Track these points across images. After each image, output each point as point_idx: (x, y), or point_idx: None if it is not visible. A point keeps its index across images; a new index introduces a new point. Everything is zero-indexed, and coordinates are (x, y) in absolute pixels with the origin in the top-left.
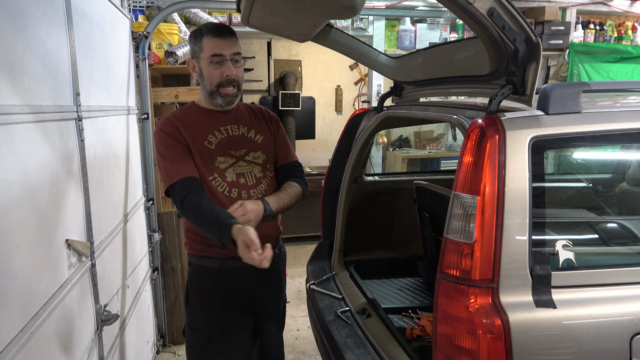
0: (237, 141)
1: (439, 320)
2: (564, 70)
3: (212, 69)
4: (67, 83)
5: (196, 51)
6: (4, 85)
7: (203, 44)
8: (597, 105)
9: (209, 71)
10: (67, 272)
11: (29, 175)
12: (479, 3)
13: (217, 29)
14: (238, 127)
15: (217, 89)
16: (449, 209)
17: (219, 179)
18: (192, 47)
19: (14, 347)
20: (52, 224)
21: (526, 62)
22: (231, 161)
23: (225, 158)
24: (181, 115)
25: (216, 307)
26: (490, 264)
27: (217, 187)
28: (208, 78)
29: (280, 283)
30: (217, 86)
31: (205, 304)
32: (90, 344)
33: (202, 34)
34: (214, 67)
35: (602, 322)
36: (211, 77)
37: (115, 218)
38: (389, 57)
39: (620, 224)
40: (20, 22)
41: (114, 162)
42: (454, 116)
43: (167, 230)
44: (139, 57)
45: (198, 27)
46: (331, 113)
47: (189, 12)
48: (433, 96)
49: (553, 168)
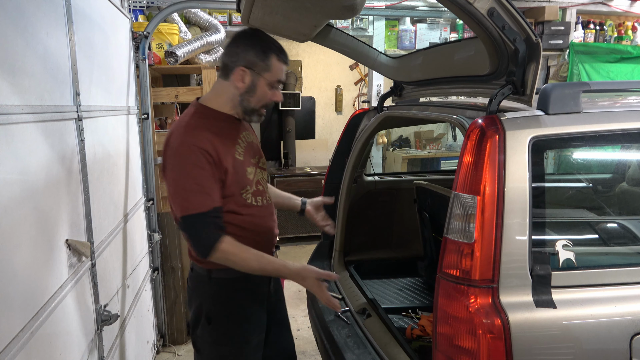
0: (252, 149)
1: (439, 320)
2: (564, 70)
3: (268, 90)
4: (67, 83)
5: (259, 66)
6: (4, 85)
7: (272, 65)
8: (597, 105)
9: (264, 91)
10: (67, 272)
11: (29, 175)
12: (479, 3)
13: (285, 53)
14: (248, 134)
15: (260, 108)
16: (449, 209)
17: (248, 190)
18: (252, 57)
19: (14, 347)
20: (52, 224)
21: (526, 62)
22: (254, 170)
23: (251, 168)
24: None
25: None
26: (490, 264)
27: (246, 200)
28: (259, 97)
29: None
30: (261, 107)
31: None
32: (90, 344)
33: (272, 53)
34: (269, 89)
35: (602, 322)
36: (263, 98)
37: (115, 218)
38: (389, 57)
39: (620, 224)
40: (20, 22)
41: (114, 162)
42: (454, 116)
43: (167, 230)
44: (139, 57)
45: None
46: (331, 113)
47: (189, 12)
48: (433, 96)
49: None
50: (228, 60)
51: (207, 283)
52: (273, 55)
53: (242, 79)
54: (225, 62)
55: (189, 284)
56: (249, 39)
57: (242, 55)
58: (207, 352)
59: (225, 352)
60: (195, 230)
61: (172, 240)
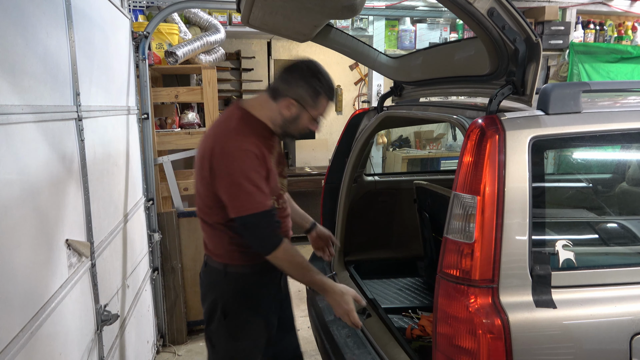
0: (280, 158)
1: (439, 320)
2: (564, 70)
3: (309, 123)
4: (67, 83)
5: (308, 102)
6: (4, 85)
7: (319, 103)
8: (597, 105)
9: (305, 123)
10: (67, 272)
11: (29, 175)
12: (479, 3)
13: (333, 92)
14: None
15: (297, 134)
16: (449, 209)
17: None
18: (302, 93)
19: (14, 347)
20: (52, 224)
21: (526, 62)
22: (282, 180)
23: (280, 179)
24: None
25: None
26: (490, 264)
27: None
28: (300, 127)
29: None
30: (298, 133)
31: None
32: (90, 344)
33: (322, 92)
34: (311, 122)
35: (602, 322)
36: (302, 127)
37: (115, 218)
38: (389, 57)
39: (620, 224)
40: (20, 22)
41: (114, 162)
42: (454, 116)
43: (167, 230)
44: (139, 57)
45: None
46: (331, 113)
47: (189, 12)
48: (433, 96)
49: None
50: (280, 87)
51: (223, 278)
52: (323, 94)
53: (289, 108)
54: (277, 86)
55: (203, 279)
56: (305, 74)
57: (294, 88)
58: (222, 346)
59: (241, 347)
60: (260, 228)
61: (172, 240)
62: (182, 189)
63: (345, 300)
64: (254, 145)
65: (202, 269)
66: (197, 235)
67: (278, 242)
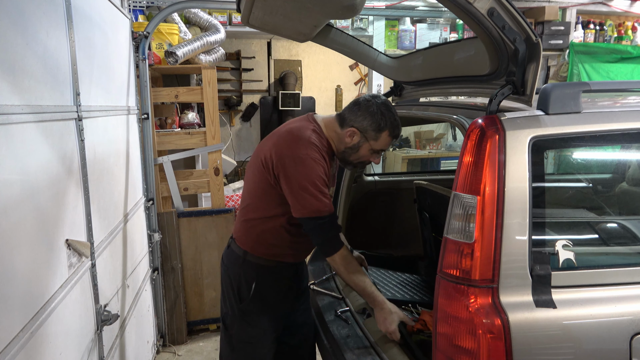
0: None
1: (439, 320)
2: (564, 70)
3: (369, 154)
4: (67, 83)
5: (370, 134)
6: (4, 85)
7: (381, 137)
8: (597, 105)
9: (365, 153)
10: (67, 272)
11: (29, 175)
12: (479, 3)
13: (398, 129)
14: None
15: (357, 163)
16: (449, 209)
17: None
18: (367, 125)
19: (14, 347)
20: (52, 224)
21: (526, 62)
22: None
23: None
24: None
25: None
26: (490, 264)
27: None
28: (359, 156)
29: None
30: (358, 162)
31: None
32: (90, 344)
33: (386, 127)
34: (370, 153)
35: (602, 322)
36: (362, 157)
37: (115, 218)
38: (389, 57)
39: (620, 224)
40: (20, 22)
41: (114, 162)
42: (454, 116)
43: (167, 230)
44: (139, 57)
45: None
46: (331, 113)
47: (189, 12)
48: (433, 96)
49: (553, 168)
50: (348, 116)
51: (241, 264)
52: (386, 130)
53: (352, 137)
54: (346, 116)
55: (224, 260)
56: (372, 108)
57: (360, 120)
58: (235, 329)
59: (251, 333)
60: (325, 230)
61: (172, 240)
62: (182, 189)
63: (392, 319)
64: (322, 158)
65: (225, 250)
66: (197, 235)
67: (339, 246)
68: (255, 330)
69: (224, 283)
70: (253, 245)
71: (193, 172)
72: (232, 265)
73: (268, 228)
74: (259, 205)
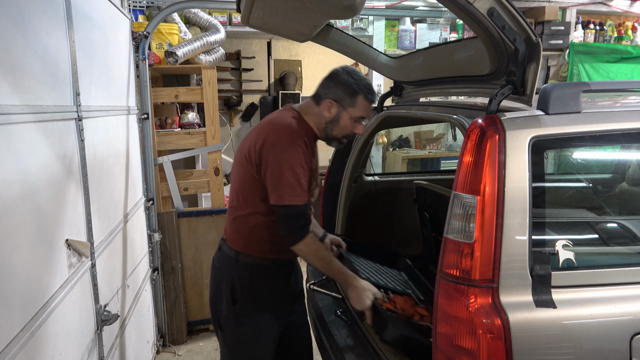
0: (316, 171)
1: (439, 320)
2: (564, 70)
3: (350, 124)
4: (67, 83)
5: (346, 101)
6: (4, 85)
7: (357, 102)
8: (597, 105)
9: (347, 124)
10: (67, 272)
11: (29, 175)
12: (479, 3)
13: (372, 93)
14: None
15: (341, 137)
16: (449, 209)
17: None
18: (340, 93)
19: (14, 347)
20: (52, 224)
21: (526, 62)
22: (315, 184)
23: (314, 185)
24: (305, 134)
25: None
26: (490, 264)
27: None
28: (341, 128)
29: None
30: (343, 136)
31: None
32: (90, 344)
33: (360, 92)
34: (351, 123)
35: (602, 322)
36: (344, 129)
37: (115, 218)
38: (389, 57)
39: (620, 224)
40: (20, 22)
41: (114, 162)
42: (454, 116)
43: (167, 230)
44: (139, 57)
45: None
46: None
47: (189, 12)
48: (433, 96)
49: (553, 168)
50: (321, 91)
51: (234, 264)
52: (361, 94)
53: (329, 109)
54: (319, 92)
55: (215, 262)
56: (341, 76)
57: (334, 89)
58: (230, 331)
59: (247, 334)
60: (292, 219)
61: (172, 240)
62: (182, 189)
63: (367, 295)
64: (304, 143)
65: (216, 252)
66: (197, 235)
67: (304, 235)
68: (251, 330)
69: (215, 285)
70: (245, 244)
71: (193, 172)
72: (224, 267)
73: (258, 223)
74: (247, 201)
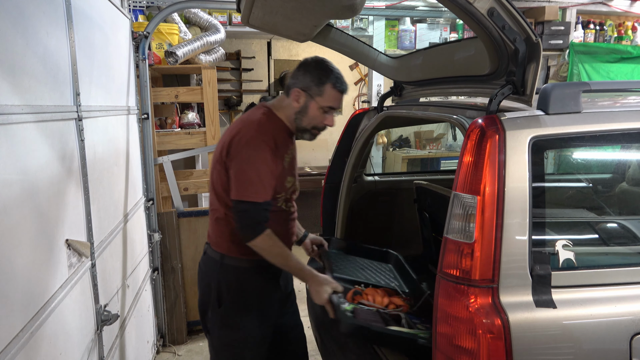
0: (294, 161)
1: (439, 320)
2: (564, 70)
3: (319, 114)
4: (67, 83)
5: (313, 90)
6: (4, 85)
7: (325, 91)
8: (597, 105)
9: (315, 114)
10: (67, 272)
11: (29, 175)
12: (479, 3)
13: (342, 83)
14: (294, 149)
15: (311, 129)
16: (449, 209)
17: (282, 197)
18: (308, 82)
19: (14, 347)
20: (52, 224)
21: (526, 62)
22: (292, 180)
23: (291, 178)
24: (275, 129)
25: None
26: (490, 264)
27: (277, 203)
28: (311, 118)
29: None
30: (313, 127)
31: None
32: (90, 344)
33: (328, 80)
34: (320, 113)
35: (602, 322)
36: (314, 120)
37: (115, 218)
38: (389, 57)
39: (620, 224)
40: (21, 22)
41: (114, 162)
42: (454, 116)
43: (167, 230)
44: (139, 57)
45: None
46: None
47: (189, 12)
48: (433, 96)
49: (553, 168)
50: (291, 82)
51: (219, 268)
52: (328, 82)
53: (297, 99)
54: (289, 83)
55: (201, 267)
56: (311, 66)
57: (301, 79)
58: (216, 335)
59: (233, 337)
60: (246, 216)
61: (172, 240)
62: (182, 189)
63: (324, 290)
64: (272, 139)
65: (202, 257)
66: (197, 235)
67: (260, 231)
68: (237, 333)
69: (202, 290)
70: (229, 246)
71: (193, 172)
72: (210, 271)
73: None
74: (225, 201)
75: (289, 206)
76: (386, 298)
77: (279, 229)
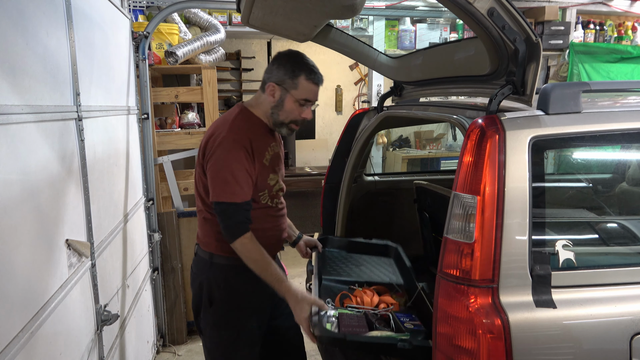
0: (277, 158)
1: (439, 320)
2: (564, 70)
3: (295, 107)
4: (67, 83)
5: (287, 83)
6: (4, 85)
7: (299, 84)
8: (597, 105)
9: (291, 107)
10: (67, 272)
11: (29, 175)
12: (479, 3)
13: (316, 75)
14: (277, 145)
15: (289, 123)
16: (449, 209)
17: (266, 194)
18: (282, 75)
19: (14, 347)
20: (52, 224)
21: (526, 62)
22: (276, 178)
23: (273, 175)
24: (251, 128)
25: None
26: (490, 264)
27: (261, 200)
28: (287, 112)
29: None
30: (290, 121)
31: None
32: (90, 344)
33: (301, 72)
34: (297, 106)
35: (602, 322)
36: (290, 113)
37: (115, 218)
38: (389, 57)
39: (620, 224)
40: (20, 22)
41: (114, 162)
42: (454, 116)
43: (167, 230)
44: (139, 57)
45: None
46: (331, 113)
47: (189, 12)
48: (433, 96)
49: (553, 168)
50: (265, 76)
51: (209, 267)
52: (302, 75)
53: (273, 93)
54: (264, 77)
55: (193, 268)
56: (284, 59)
57: (275, 72)
58: (208, 334)
59: (224, 336)
60: (226, 216)
61: (172, 240)
62: (182, 189)
63: (301, 307)
64: (247, 139)
65: (194, 258)
66: None
67: (239, 234)
68: (229, 332)
69: (195, 290)
70: (217, 245)
71: (193, 172)
72: (200, 271)
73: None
74: (208, 202)
75: (275, 202)
76: (376, 297)
77: (266, 225)
